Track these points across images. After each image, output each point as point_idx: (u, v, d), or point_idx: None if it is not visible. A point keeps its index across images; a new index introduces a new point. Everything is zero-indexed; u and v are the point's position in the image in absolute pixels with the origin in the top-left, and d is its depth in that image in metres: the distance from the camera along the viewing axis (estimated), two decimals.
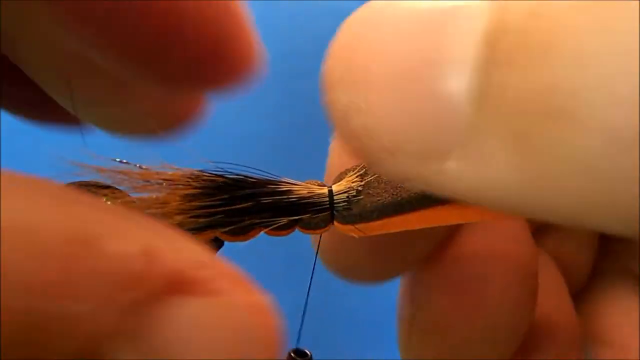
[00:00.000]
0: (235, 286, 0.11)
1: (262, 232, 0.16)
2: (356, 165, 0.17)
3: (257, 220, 0.16)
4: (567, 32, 0.09)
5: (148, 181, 0.14)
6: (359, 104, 0.12)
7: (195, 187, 0.15)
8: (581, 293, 0.23)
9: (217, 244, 0.16)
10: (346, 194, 0.17)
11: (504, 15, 0.10)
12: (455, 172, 0.11)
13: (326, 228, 0.16)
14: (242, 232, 0.16)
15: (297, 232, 0.17)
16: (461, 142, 0.11)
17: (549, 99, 0.10)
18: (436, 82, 0.11)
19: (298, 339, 0.19)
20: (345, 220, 0.16)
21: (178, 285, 0.10)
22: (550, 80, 0.10)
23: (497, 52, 0.10)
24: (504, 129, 0.10)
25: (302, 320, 0.18)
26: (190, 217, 0.15)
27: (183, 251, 0.11)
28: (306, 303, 0.18)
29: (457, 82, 0.11)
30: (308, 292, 0.18)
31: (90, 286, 0.09)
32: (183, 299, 0.10)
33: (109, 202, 0.11)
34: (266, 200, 0.16)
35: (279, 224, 0.16)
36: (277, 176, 0.16)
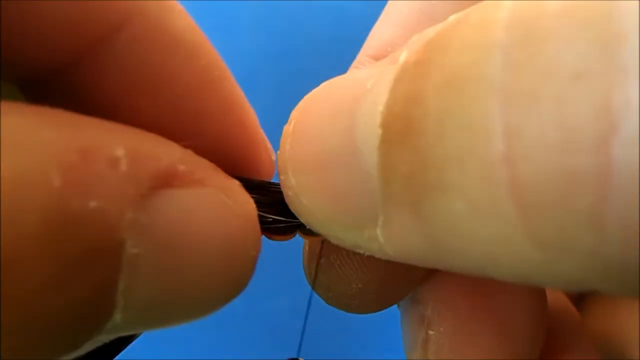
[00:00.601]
0: (212, 174, 0.13)
1: (262, 236, 0.16)
2: None
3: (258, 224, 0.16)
4: (430, 117, 0.11)
5: None
6: (298, 186, 0.14)
7: None
8: (576, 300, 0.23)
9: None
10: None
11: (393, 101, 0.12)
12: (383, 238, 0.13)
13: None
14: None
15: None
16: (381, 212, 0.12)
17: (424, 174, 0.11)
18: (352, 161, 0.13)
19: (301, 341, 0.19)
20: None
21: (165, 180, 0.11)
22: (422, 158, 0.11)
23: (390, 134, 0.12)
24: (403, 200, 0.12)
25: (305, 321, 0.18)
26: None
27: (163, 150, 0.12)
28: (309, 304, 0.18)
29: (368, 160, 0.12)
30: (311, 294, 0.18)
31: (93, 187, 0.10)
32: (172, 190, 0.12)
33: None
34: (267, 203, 0.16)
35: (279, 227, 0.16)
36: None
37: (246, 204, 0.13)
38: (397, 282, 0.18)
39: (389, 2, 0.19)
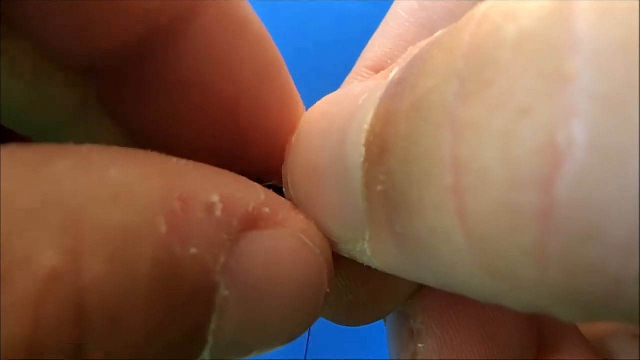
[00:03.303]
0: (292, 215, 0.13)
1: None
2: None
3: None
4: (398, 140, 0.11)
5: None
6: (297, 199, 0.15)
7: None
8: None
9: None
10: None
11: (376, 120, 0.12)
12: (370, 252, 0.13)
13: None
14: None
15: None
16: (367, 228, 0.13)
17: (395, 195, 0.11)
18: (342, 177, 0.13)
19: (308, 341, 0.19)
20: None
21: (252, 223, 0.12)
22: (392, 179, 0.11)
23: (370, 153, 0.12)
24: (382, 217, 0.12)
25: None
26: None
27: (249, 193, 0.12)
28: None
29: (354, 178, 0.12)
30: None
31: (193, 234, 0.10)
32: (257, 232, 0.12)
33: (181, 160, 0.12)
34: None
35: None
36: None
37: (322, 243, 0.14)
38: (387, 295, 0.18)
39: (389, 13, 0.19)
